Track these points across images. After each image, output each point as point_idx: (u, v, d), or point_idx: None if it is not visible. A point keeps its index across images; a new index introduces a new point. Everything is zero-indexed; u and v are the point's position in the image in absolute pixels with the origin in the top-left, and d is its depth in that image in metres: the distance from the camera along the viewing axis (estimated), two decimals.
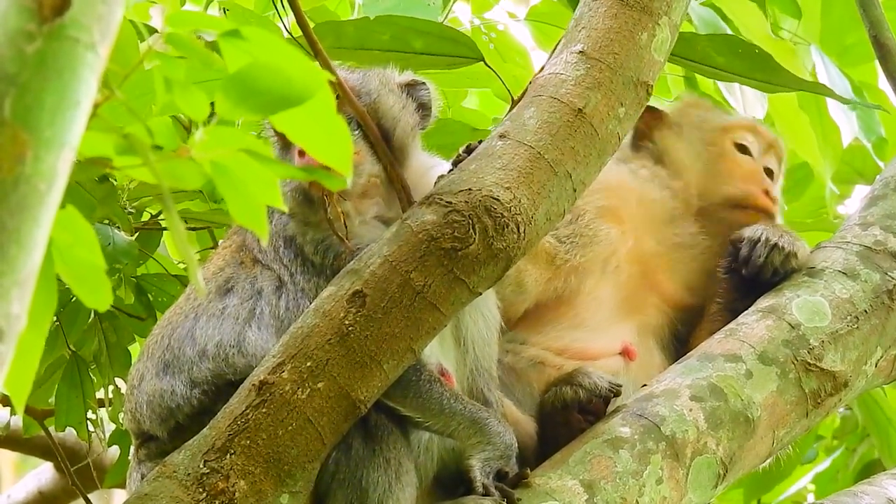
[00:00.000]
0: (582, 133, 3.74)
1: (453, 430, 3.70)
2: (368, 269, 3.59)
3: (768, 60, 4.48)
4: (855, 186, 6.65)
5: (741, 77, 4.60)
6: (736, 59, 4.48)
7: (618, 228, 4.38)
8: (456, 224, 3.58)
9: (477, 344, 3.90)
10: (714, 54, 4.47)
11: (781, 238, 4.24)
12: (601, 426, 3.90)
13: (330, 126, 2.28)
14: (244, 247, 3.91)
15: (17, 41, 1.95)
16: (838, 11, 5.91)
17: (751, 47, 4.49)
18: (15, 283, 1.94)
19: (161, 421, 3.73)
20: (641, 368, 4.25)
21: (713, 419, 3.90)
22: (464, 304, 3.65)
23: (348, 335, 3.56)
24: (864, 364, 4.13)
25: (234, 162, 2.28)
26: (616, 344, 4.27)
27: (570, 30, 3.92)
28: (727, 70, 4.52)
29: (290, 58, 2.24)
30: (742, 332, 4.09)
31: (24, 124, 1.95)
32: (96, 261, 2.31)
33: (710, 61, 4.52)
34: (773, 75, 4.53)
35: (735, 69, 4.52)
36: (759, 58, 4.47)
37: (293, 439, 3.53)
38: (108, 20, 2.00)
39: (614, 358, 4.26)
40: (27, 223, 1.96)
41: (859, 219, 4.39)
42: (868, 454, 6.82)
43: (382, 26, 4.53)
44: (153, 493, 3.53)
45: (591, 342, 4.27)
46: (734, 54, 4.47)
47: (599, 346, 4.26)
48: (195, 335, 3.74)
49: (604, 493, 3.76)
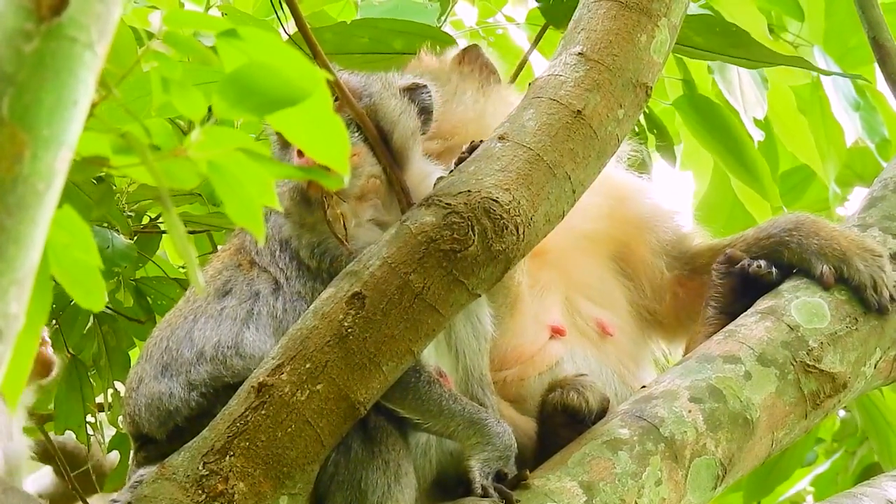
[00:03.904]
0: (581, 135, 3.74)
1: (452, 431, 3.70)
2: (367, 271, 3.59)
3: (746, 37, 4.49)
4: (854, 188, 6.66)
5: (720, 55, 4.60)
6: (714, 38, 4.49)
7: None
8: (455, 226, 3.58)
9: (468, 351, 3.89)
10: (692, 34, 4.48)
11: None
12: (600, 427, 3.90)
13: (327, 125, 2.29)
14: (242, 249, 3.91)
15: (14, 41, 1.95)
16: (840, 14, 5.92)
17: (728, 25, 4.51)
18: (13, 282, 1.94)
19: (160, 423, 3.73)
20: (575, 335, 4.22)
21: (712, 420, 3.90)
22: (463, 306, 3.65)
23: (347, 337, 3.56)
24: (863, 365, 4.13)
25: (231, 161, 2.28)
26: (541, 330, 4.24)
27: (569, 31, 3.92)
28: (706, 49, 4.53)
29: (287, 58, 2.24)
30: (741, 334, 4.09)
31: (22, 124, 1.95)
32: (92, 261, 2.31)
33: (689, 41, 4.53)
34: (751, 51, 4.54)
35: (714, 47, 4.53)
36: (736, 35, 4.48)
37: (292, 441, 3.53)
38: (105, 20, 2.00)
39: (549, 344, 4.22)
40: (25, 223, 1.95)
41: (858, 220, 4.39)
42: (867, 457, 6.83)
43: (361, 29, 4.54)
44: (152, 495, 3.54)
45: (520, 339, 4.22)
46: (712, 33, 4.48)
47: (529, 340, 4.22)
48: (193, 336, 3.75)
49: (603, 494, 3.76)
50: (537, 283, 4.27)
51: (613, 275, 4.36)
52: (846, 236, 4.19)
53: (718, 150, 5.31)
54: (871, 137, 5.79)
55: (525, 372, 4.18)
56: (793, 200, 6.25)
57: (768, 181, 5.31)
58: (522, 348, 4.20)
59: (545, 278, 4.28)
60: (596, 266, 4.34)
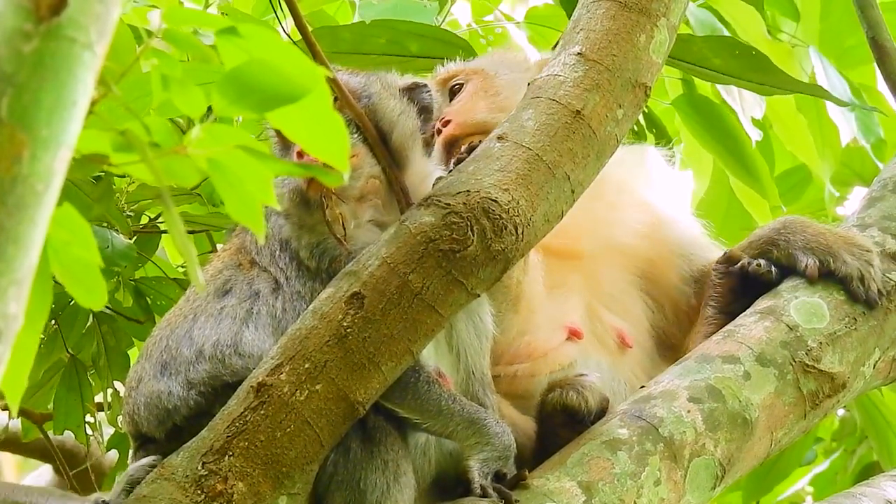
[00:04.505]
0: (580, 135, 3.74)
1: (452, 431, 3.70)
2: (367, 271, 3.59)
3: (765, 62, 4.48)
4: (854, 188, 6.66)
5: (738, 79, 4.60)
6: (732, 61, 4.48)
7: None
8: (454, 226, 3.58)
9: (469, 351, 3.89)
10: (711, 56, 4.48)
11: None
12: (599, 428, 3.89)
13: (326, 122, 2.29)
14: (243, 249, 3.91)
15: (14, 41, 1.95)
16: (837, 13, 5.92)
17: (747, 48, 4.50)
18: (12, 282, 1.94)
19: (158, 422, 3.73)
20: (592, 341, 4.22)
21: (711, 420, 3.90)
22: (462, 306, 3.65)
23: (347, 337, 3.56)
24: (863, 365, 4.13)
25: (231, 159, 2.28)
26: (558, 330, 4.24)
27: (568, 31, 3.92)
28: (724, 72, 4.53)
29: (287, 55, 2.24)
30: (740, 334, 4.09)
31: (21, 124, 1.95)
32: (92, 259, 2.31)
33: (707, 63, 4.52)
34: (770, 77, 4.53)
35: (732, 71, 4.53)
36: (755, 59, 4.48)
37: (291, 441, 3.53)
38: (104, 20, 2.00)
39: (564, 345, 4.22)
40: (24, 223, 1.95)
41: (857, 220, 4.39)
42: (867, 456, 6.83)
43: (379, 30, 4.54)
44: (151, 495, 3.54)
45: (534, 335, 4.23)
46: (731, 56, 4.48)
47: (544, 337, 4.22)
48: (193, 335, 3.75)
49: (602, 494, 3.76)
50: (563, 284, 4.28)
51: (638, 292, 4.36)
52: (834, 233, 4.22)
53: (718, 150, 5.31)
54: (867, 138, 5.79)
55: (536, 369, 4.18)
56: (791, 200, 6.25)
57: (767, 181, 5.31)
58: (535, 344, 4.20)
59: (571, 281, 4.29)
60: (623, 280, 4.35)
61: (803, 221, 4.28)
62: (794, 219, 4.31)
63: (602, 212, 4.37)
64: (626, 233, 4.35)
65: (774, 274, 4.21)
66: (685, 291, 4.38)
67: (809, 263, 4.15)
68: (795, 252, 4.19)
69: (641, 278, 4.37)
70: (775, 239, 4.24)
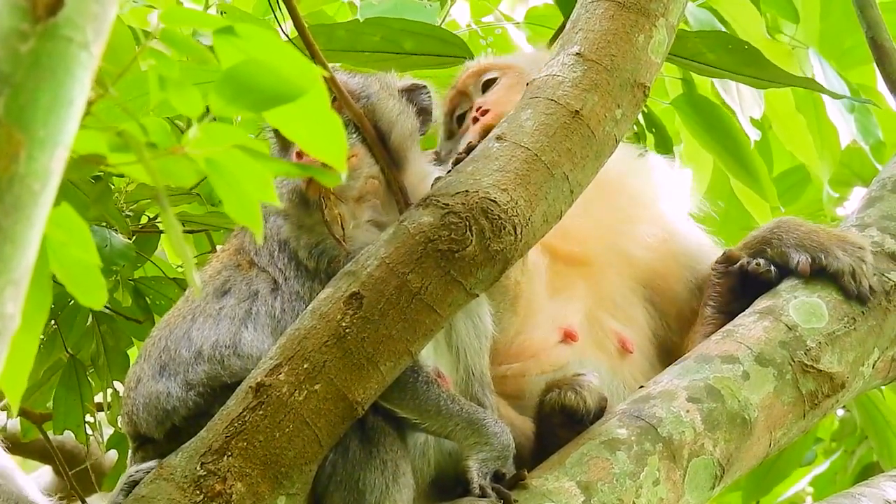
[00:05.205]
0: (579, 135, 3.74)
1: (450, 432, 3.70)
2: (365, 271, 3.59)
3: (759, 56, 4.49)
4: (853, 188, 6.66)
5: (732, 73, 4.61)
6: (727, 55, 4.49)
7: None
8: (453, 226, 3.58)
9: (469, 350, 3.89)
10: (705, 51, 4.48)
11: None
12: (598, 427, 3.89)
13: (324, 122, 2.28)
14: (242, 249, 3.92)
15: (10, 41, 1.95)
16: (837, 14, 5.92)
17: (741, 43, 4.50)
18: (9, 282, 1.94)
19: (157, 423, 3.73)
20: (589, 345, 4.23)
21: (710, 420, 3.90)
22: (461, 306, 3.65)
23: (345, 337, 3.56)
24: (862, 365, 4.13)
25: (229, 158, 2.28)
26: (553, 331, 4.24)
27: (566, 31, 3.92)
28: (718, 66, 4.53)
29: (284, 54, 2.24)
30: (739, 334, 4.09)
31: (18, 124, 1.95)
32: (91, 258, 2.31)
33: (702, 58, 4.53)
34: (764, 71, 4.54)
35: (726, 65, 4.53)
36: (749, 54, 4.48)
37: (290, 441, 3.53)
38: (101, 19, 2.00)
39: (557, 346, 4.22)
40: (21, 223, 1.95)
41: (856, 220, 4.39)
42: (866, 457, 6.83)
43: (373, 28, 4.54)
44: (150, 496, 3.54)
45: (528, 336, 4.22)
46: (725, 50, 4.48)
47: (537, 338, 4.22)
48: (192, 336, 3.75)
49: (601, 494, 3.76)
50: (567, 289, 4.28)
51: (642, 301, 4.36)
52: (827, 231, 4.24)
53: (717, 150, 5.31)
54: (866, 139, 5.79)
55: (527, 369, 4.18)
56: (790, 201, 6.25)
57: (766, 181, 5.31)
58: (527, 344, 4.19)
59: (575, 287, 4.29)
60: (628, 289, 4.35)
61: (797, 221, 4.30)
62: (789, 219, 4.33)
63: (614, 222, 4.38)
64: (637, 244, 4.37)
65: (774, 273, 4.21)
66: (689, 300, 4.39)
67: (801, 260, 4.16)
68: (788, 249, 4.20)
69: (647, 288, 4.37)
70: (769, 238, 4.25)
